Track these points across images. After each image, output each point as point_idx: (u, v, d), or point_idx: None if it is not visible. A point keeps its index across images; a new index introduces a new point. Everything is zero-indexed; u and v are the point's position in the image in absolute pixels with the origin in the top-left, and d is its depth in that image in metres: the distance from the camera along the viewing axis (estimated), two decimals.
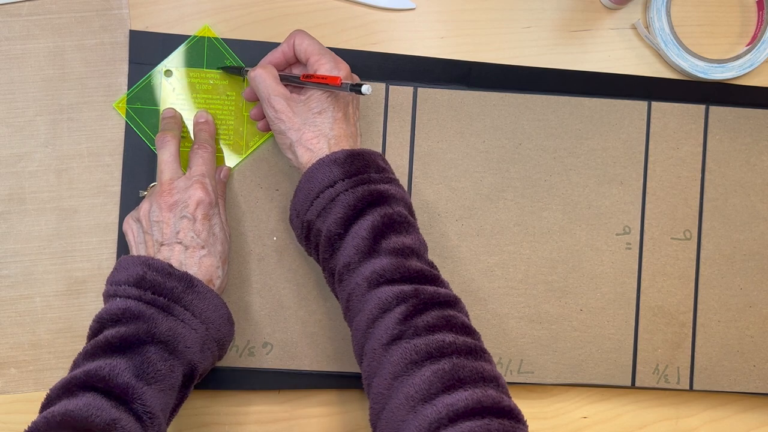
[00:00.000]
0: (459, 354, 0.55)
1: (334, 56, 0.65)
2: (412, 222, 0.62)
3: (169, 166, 0.66)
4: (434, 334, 0.56)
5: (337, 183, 0.61)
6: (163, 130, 0.68)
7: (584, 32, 0.76)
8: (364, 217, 0.60)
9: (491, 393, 0.53)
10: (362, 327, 0.59)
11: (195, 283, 0.61)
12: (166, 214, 0.63)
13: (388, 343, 0.56)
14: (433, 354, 0.55)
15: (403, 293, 0.57)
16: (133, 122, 0.71)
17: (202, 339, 0.61)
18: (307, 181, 0.62)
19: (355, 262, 0.60)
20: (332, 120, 0.63)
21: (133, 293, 0.60)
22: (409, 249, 0.60)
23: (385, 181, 0.62)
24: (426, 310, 0.57)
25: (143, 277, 0.61)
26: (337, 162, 0.61)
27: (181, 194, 0.64)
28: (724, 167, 0.75)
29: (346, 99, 0.65)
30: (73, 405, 0.54)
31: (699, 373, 0.74)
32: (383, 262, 0.59)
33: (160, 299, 0.60)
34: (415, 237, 0.61)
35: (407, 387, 0.54)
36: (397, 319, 0.57)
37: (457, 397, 0.52)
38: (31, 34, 0.71)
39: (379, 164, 0.63)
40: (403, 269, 0.59)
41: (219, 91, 0.71)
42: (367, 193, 0.61)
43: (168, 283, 0.61)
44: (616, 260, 0.74)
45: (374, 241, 0.59)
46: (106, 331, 0.59)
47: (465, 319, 0.59)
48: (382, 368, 0.56)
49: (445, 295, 0.59)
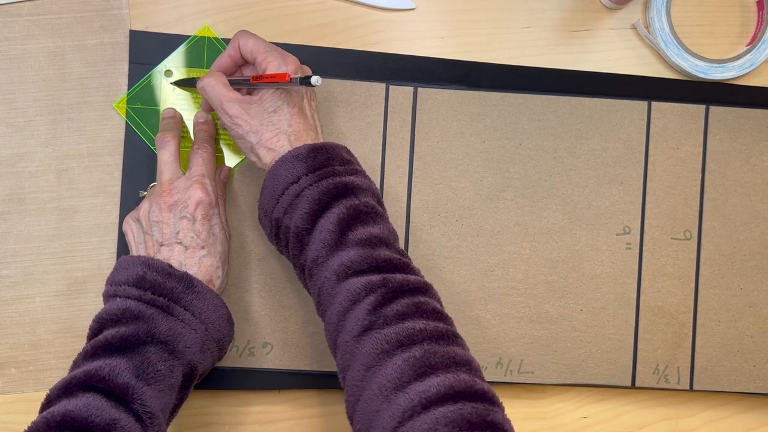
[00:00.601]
0: (430, 340, 0.54)
1: (281, 52, 0.64)
2: (379, 212, 0.62)
3: (169, 166, 0.66)
4: (404, 322, 0.55)
5: (301, 178, 0.61)
6: (163, 130, 0.68)
7: (584, 32, 0.76)
8: (330, 210, 0.60)
9: (464, 377, 0.52)
10: (334, 320, 0.59)
11: (195, 283, 0.61)
12: (166, 215, 0.63)
13: (359, 334, 0.56)
14: (403, 342, 0.54)
15: (371, 283, 0.57)
16: (133, 122, 0.71)
17: (202, 339, 0.61)
18: (272, 179, 0.62)
19: (323, 256, 0.60)
20: (289, 116, 0.63)
21: (133, 293, 0.60)
22: (377, 239, 0.59)
23: (350, 173, 0.62)
24: (395, 298, 0.57)
25: (143, 278, 0.60)
26: (299, 157, 0.61)
27: (181, 194, 0.64)
28: (724, 167, 0.75)
29: (300, 93, 0.64)
30: (72, 405, 0.54)
31: (699, 373, 0.74)
32: (351, 253, 0.58)
33: (160, 299, 0.60)
34: (384, 226, 0.61)
35: (379, 377, 0.54)
36: (366, 310, 0.56)
37: (429, 383, 0.51)
38: (32, 34, 0.71)
39: (343, 156, 0.63)
40: (370, 259, 0.58)
41: None
42: (331, 186, 0.60)
43: (168, 283, 0.61)
44: (616, 260, 0.74)
45: (341, 234, 0.59)
46: (105, 331, 0.59)
47: (436, 304, 0.58)
48: (354, 360, 0.56)
49: (414, 282, 0.58)
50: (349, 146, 0.68)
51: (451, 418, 0.49)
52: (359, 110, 0.72)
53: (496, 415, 0.51)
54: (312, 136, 0.64)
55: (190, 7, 0.72)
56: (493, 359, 0.72)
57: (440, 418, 0.49)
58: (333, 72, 0.72)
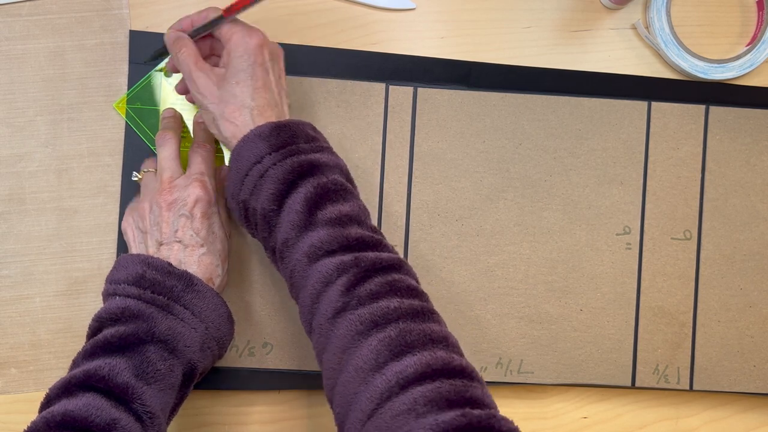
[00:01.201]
0: (405, 318, 0.54)
1: (243, 26, 0.63)
2: (348, 189, 0.60)
3: (168, 165, 0.66)
4: (378, 302, 0.54)
5: (265, 158, 0.59)
6: (164, 129, 0.68)
7: (584, 32, 0.76)
8: (297, 190, 0.59)
9: (441, 354, 0.52)
10: (307, 303, 0.58)
11: (194, 281, 0.61)
12: (165, 213, 0.63)
13: (333, 316, 0.55)
14: (378, 322, 0.53)
15: (343, 263, 0.56)
16: (133, 122, 0.71)
17: (202, 338, 0.61)
18: (236, 160, 0.61)
19: (293, 238, 0.58)
20: (252, 90, 0.61)
21: (132, 292, 0.60)
22: (347, 217, 0.58)
23: (315, 150, 0.60)
24: (368, 277, 0.56)
25: (143, 276, 0.60)
26: (262, 136, 0.60)
27: (180, 192, 0.64)
28: (724, 167, 0.75)
29: (265, 67, 0.62)
30: (72, 405, 0.54)
31: (699, 373, 0.74)
32: (321, 234, 0.57)
33: (159, 298, 0.60)
34: (354, 203, 0.60)
35: (356, 359, 0.53)
36: (339, 291, 0.56)
37: (406, 363, 0.51)
38: (32, 34, 0.71)
39: (309, 133, 0.61)
40: (341, 239, 0.57)
41: None
42: (296, 164, 0.59)
43: (167, 281, 0.60)
44: (616, 260, 0.74)
45: (309, 214, 0.58)
46: (105, 331, 0.59)
47: (411, 281, 0.57)
48: (330, 342, 0.56)
49: (387, 259, 0.57)
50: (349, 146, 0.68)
51: (429, 397, 0.49)
52: (359, 110, 0.72)
53: (475, 390, 0.50)
54: (276, 113, 0.62)
55: (190, 7, 0.72)
56: (493, 359, 0.72)
57: (418, 398, 0.49)
58: (333, 72, 0.72)
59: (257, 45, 0.62)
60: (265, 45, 0.63)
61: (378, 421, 0.50)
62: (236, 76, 0.61)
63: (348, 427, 0.53)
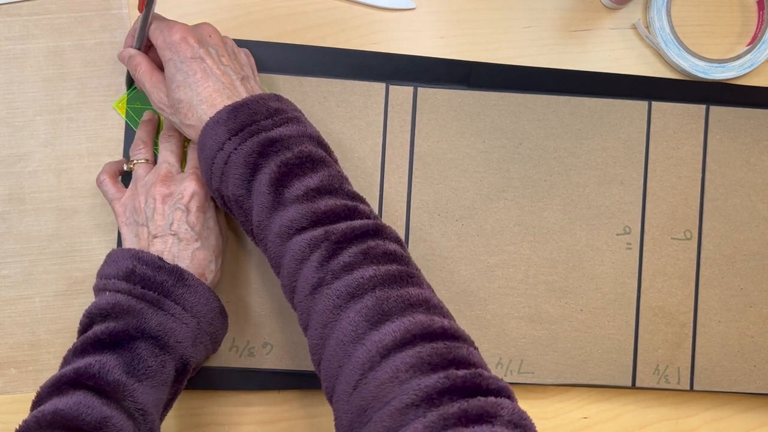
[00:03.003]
0: (382, 286, 0.53)
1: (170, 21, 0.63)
2: (317, 158, 0.59)
3: (168, 158, 0.65)
4: (353, 273, 0.54)
5: (225, 144, 0.58)
6: (168, 127, 0.68)
7: (584, 32, 0.75)
8: (262, 171, 0.58)
9: (420, 318, 0.51)
10: (287, 282, 0.58)
11: (185, 276, 0.61)
12: (160, 206, 0.63)
13: (311, 293, 0.55)
14: (354, 293, 0.53)
15: (314, 239, 0.55)
16: (133, 122, 0.71)
17: (194, 333, 0.61)
18: (201, 152, 0.60)
19: (264, 220, 0.58)
20: (192, 86, 0.60)
21: (122, 287, 0.60)
22: (315, 190, 0.57)
23: (278, 124, 0.59)
24: (341, 249, 0.55)
25: (133, 271, 0.60)
26: (219, 122, 0.59)
27: (176, 186, 0.64)
28: (725, 167, 0.75)
29: (196, 56, 0.61)
30: (63, 403, 0.54)
31: (699, 373, 0.74)
32: (289, 212, 0.56)
33: (149, 293, 0.59)
34: (323, 173, 0.58)
35: (336, 333, 0.53)
36: (314, 267, 0.55)
37: (385, 331, 0.51)
38: (31, 34, 0.71)
39: (270, 107, 0.60)
40: (309, 214, 0.56)
41: None
42: (256, 145, 0.58)
43: (158, 276, 0.60)
44: (616, 260, 0.74)
45: (276, 194, 0.57)
46: (95, 327, 0.59)
47: (389, 245, 0.56)
48: (311, 319, 0.55)
49: (361, 227, 0.56)
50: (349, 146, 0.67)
51: (410, 363, 0.49)
52: (359, 110, 0.72)
53: (458, 350, 0.50)
54: (228, 95, 0.60)
55: (190, 7, 0.72)
56: (493, 359, 0.72)
57: (400, 365, 0.49)
58: (333, 72, 0.72)
59: (179, 40, 0.61)
60: (187, 35, 0.61)
61: (363, 392, 0.50)
62: (174, 81, 0.61)
63: (336, 399, 0.53)
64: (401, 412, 0.47)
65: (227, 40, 0.66)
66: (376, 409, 0.49)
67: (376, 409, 0.49)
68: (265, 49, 0.71)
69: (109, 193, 0.66)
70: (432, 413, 0.46)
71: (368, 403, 0.49)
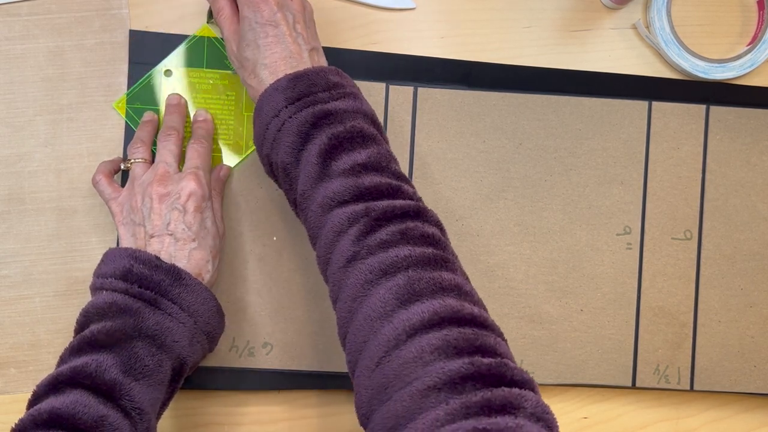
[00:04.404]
0: (415, 266, 0.53)
1: None
2: (368, 134, 0.59)
3: (166, 158, 0.65)
4: (388, 251, 0.54)
5: (281, 111, 0.59)
6: (167, 126, 0.68)
7: (584, 32, 0.75)
8: (312, 141, 0.58)
9: (450, 302, 0.51)
10: (322, 253, 0.58)
11: (182, 275, 0.61)
12: (157, 205, 0.63)
13: (344, 265, 0.55)
14: (387, 270, 0.53)
15: (355, 213, 0.55)
16: (133, 122, 0.71)
17: (191, 332, 0.61)
18: (257, 116, 0.61)
19: (309, 189, 0.58)
20: (261, 49, 0.61)
21: (119, 286, 0.60)
22: (362, 165, 0.57)
23: (335, 98, 0.59)
24: (380, 226, 0.55)
25: (130, 270, 0.60)
26: (278, 89, 0.59)
27: (174, 185, 0.63)
28: (725, 167, 0.75)
29: (273, 21, 0.61)
30: (59, 402, 0.54)
31: (699, 373, 0.74)
32: (334, 184, 0.57)
33: (146, 293, 0.59)
34: (373, 150, 0.58)
35: (365, 307, 0.53)
36: (351, 241, 0.55)
37: (414, 311, 0.50)
38: (31, 33, 0.71)
39: (330, 80, 0.60)
40: (353, 188, 0.56)
41: (219, 91, 0.71)
42: (311, 115, 0.58)
43: (155, 276, 0.60)
44: (616, 260, 0.74)
45: (324, 165, 0.57)
46: (92, 326, 0.59)
47: (427, 229, 0.56)
48: (342, 291, 0.55)
49: (402, 207, 0.56)
50: None
51: (436, 345, 0.48)
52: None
53: (486, 338, 0.50)
54: (293, 64, 0.61)
55: (190, 7, 0.72)
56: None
57: (425, 346, 0.49)
58: None
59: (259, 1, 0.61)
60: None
61: (386, 369, 0.50)
62: (245, 39, 0.61)
63: (358, 374, 0.53)
64: (422, 393, 0.47)
65: (307, 5, 0.65)
66: (396, 388, 0.49)
67: (397, 388, 0.49)
68: None
69: (105, 192, 0.66)
70: (454, 400, 0.45)
71: (389, 381, 0.49)
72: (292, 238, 0.71)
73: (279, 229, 0.72)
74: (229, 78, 0.72)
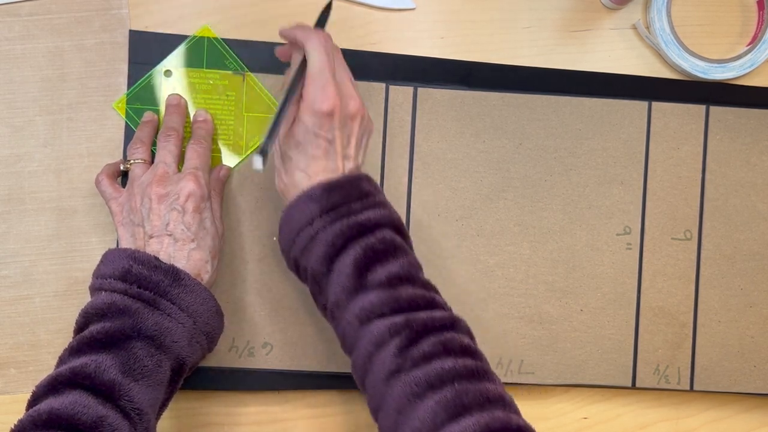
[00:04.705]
0: (460, 379, 0.54)
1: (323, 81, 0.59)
2: (398, 245, 0.60)
3: (165, 159, 0.65)
4: (432, 363, 0.55)
5: (315, 220, 0.59)
6: (167, 126, 0.68)
7: (584, 32, 0.75)
8: (346, 252, 0.58)
9: (498, 414, 0.52)
10: (360, 363, 0.58)
11: (181, 276, 0.61)
12: (156, 206, 0.63)
13: (387, 377, 0.56)
14: (433, 383, 0.54)
15: (395, 325, 0.56)
16: (133, 122, 0.71)
17: (190, 333, 0.61)
18: (287, 220, 0.61)
19: (343, 300, 0.59)
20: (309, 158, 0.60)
21: (118, 287, 0.60)
22: (397, 278, 0.58)
23: (368, 208, 0.60)
24: (421, 338, 0.56)
25: (129, 271, 0.60)
26: (313, 198, 0.59)
27: (173, 186, 0.63)
28: (725, 167, 0.75)
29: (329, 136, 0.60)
30: (59, 403, 0.54)
31: (699, 373, 0.74)
32: (371, 297, 0.57)
33: (146, 293, 0.59)
34: (404, 260, 0.59)
35: (412, 420, 0.53)
36: (393, 353, 0.56)
37: (464, 424, 0.51)
38: (31, 34, 0.71)
39: (362, 189, 0.61)
40: (391, 301, 0.57)
41: (219, 92, 0.71)
42: (345, 227, 0.59)
43: (154, 276, 0.60)
44: (616, 260, 0.74)
45: (359, 276, 0.58)
46: (91, 326, 0.59)
47: (465, 340, 0.57)
48: (385, 403, 0.56)
49: (440, 319, 0.57)
50: None
51: None
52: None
53: None
54: (329, 175, 0.60)
55: (190, 7, 0.72)
56: (493, 359, 0.72)
57: None
58: None
59: (325, 113, 0.59)
60: (335, 111, 0.59)
61: None
62: (295, 138, 0.60)
63: None
64: None
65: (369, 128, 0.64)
66: None
67: None
68: (265, 49, 0.71)
69: (106, 192, 0.66)
70: None
71: None
72: None
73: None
74: (229, 78, 0.72)
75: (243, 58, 0.71)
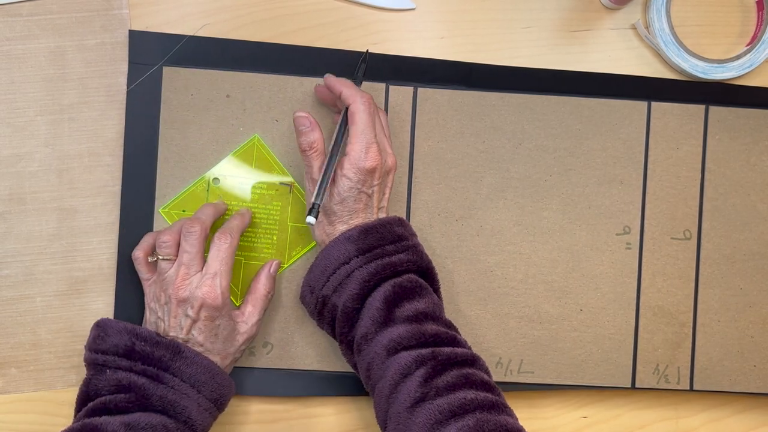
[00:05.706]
0: (482, 410, 0.57)
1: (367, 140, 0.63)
2: (424, 285, 0.65)
3: (187, 259, 0.65)
4: (455, 393, 0.58)
5: (352, 260, 0.64)
6: (194, 218, 0.67)
7: (584, 32, 0.76)
8: (378, 290, 0.63)
9: None
10: (385, 392, 0.61)
11: (182, 349, 0.63)
12: (175, 309, 0.64)
13: (412, 405, 0.58)
14: (456, 412, 0.56)
15: (421, 357, 0.60)
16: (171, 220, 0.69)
17: (196, 402, 0.63)
18: (323, 258, 0.65)
19: (372, 332, 0.62)
20: (349, 209, 0.65)
21: (123, 364, 0.62)
22: (423, 314, 0.63)
23: (400, 251, 0.65)
24: (445, 370, 0.59)
25: (132, 348, 0.62)
26: (350, 239, 0.64)
27: (191, 292, 0.64)
28: (724, 167, 0.75)
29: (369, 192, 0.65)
30: None
31: (699, 373, 0.74)
32: (399, 330, 0.61)
33: (150, 369, 0.62)
34: (429, 300, 0.64)
35: None
36: (418, 382, 0.59)
37: None
38: (32, 34, 0.71)
39: (395, 233, 0.65)
40: (419, 335, 0.61)
41: (265, 201, 0.71)
42: (380, 267, 0.63)
43: (156, 352, 0.62)
44: (616, 260, 0.74)
45: (388, 311, 0.62)
46: (98, 399, 0.61)
47: (484, 375, 0.61)
48: (409, 430, 0.58)
49: (462, 354, 0.61)
50: None
51: None
52: None
53: None
54: (366, 214, 0.65)
55: (190, 7, 0.72)
56: (493, 359, 0.73)
57: None
58: (333, 72, 0.72)
59: (368, 169, 0.64)
60: (377, 167, 0.64)
61: None
62: (340, 194, 0.64)
63: None
64: None
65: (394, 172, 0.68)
66: None
67: None
68: (265, 49, 0.71)
69: (140, 272, 0.68)
70: None
71: None
72: None
73: None
74: (276, 188, 0.71)
75: (244, 58, 0.71)
